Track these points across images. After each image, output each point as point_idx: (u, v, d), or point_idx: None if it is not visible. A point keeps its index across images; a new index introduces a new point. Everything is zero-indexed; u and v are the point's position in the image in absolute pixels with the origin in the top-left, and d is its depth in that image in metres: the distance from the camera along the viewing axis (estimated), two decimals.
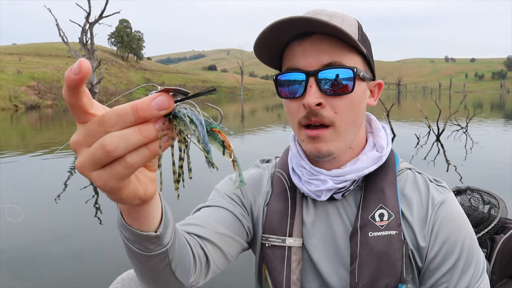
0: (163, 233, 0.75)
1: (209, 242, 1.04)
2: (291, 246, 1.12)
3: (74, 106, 0.48)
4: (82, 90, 0.47)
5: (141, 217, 0.70)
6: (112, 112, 0.48)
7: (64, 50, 60.96)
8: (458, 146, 10.91)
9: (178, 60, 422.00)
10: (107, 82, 57.97)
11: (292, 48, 1.03)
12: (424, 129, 13.30)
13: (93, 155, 0.48)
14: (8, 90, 38.52)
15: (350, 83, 0.99)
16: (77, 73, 0.45)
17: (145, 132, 0.49)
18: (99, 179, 0.50)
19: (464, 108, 14.30)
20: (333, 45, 0.99)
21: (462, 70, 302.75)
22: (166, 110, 0.49)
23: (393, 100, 21.63)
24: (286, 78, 1.03)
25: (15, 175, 8.45)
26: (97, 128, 0.48)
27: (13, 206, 4.19)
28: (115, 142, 0.48)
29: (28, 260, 4.01)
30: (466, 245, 1.02)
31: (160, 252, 0.78)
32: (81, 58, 0.47)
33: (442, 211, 1.05)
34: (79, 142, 0.50)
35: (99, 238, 4.59)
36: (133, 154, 0.49)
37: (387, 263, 1.02)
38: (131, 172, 0.50)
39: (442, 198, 1.07)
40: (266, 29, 0.97)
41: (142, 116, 0.48)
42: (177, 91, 0.50)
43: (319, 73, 0.98)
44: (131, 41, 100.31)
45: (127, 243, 0.77)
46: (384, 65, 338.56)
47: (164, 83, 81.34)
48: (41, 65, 57.63)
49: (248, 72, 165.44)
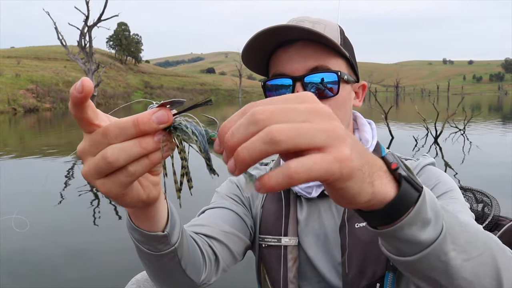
0: (170, 233, 0.78)
1: (216, 241, 1.07)
2: (287, 245, 1.15)
3: (80, 119, 0.51)
4: (86, 105, 0.50)
5: (147, 219, 0.73)
6: (114, 125, 0.51)
7: (62, 53, 60.98)
8: (455, 148, 10.95)
9: (176, 63, 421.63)
10: (105, 85, 57.98)
11: (278, 55, 1.09)
12: (422, 131, 13.34)
13: (96, 165, 0.51)
14: (6, 93, 38.48)
15: (335, 86, 1.06)
16: (80, 92, 0.48)
17: (144, 145, 0.51)
18: (103, 187, 0.53)
19: (462, 110, 14.34)
20: (318, 50, 1.06)
21: (460, 72, 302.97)
22: (165, 123, 0.51)
23: (392, 102, 21.67)
24: (273, 83, 1.09)
25: (16, 177, 8.46)
26: (100, 139, 0.51)
27: (20, 217, 4.24)
28: (116, 153, 0.50)
29: (40, 264, 4.03)
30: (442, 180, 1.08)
31: (169, 251, 0.81)
32: (83, 77, 0.49)
33: (418, 174, 1.12)
34: (84, 151, 0.53)
35: (110, 240, 4.60)
36: (134, 164, 0.52)
37: (373, 252, 1.06)
38: (133, 180, 0.53)
39: (417, 164, 1.14)
40: (252, 38, 1.04)
41: (142, 130, 0.50)
42: (172, 102, 0.52)
43: (305, 77, 1.04)
44: (129, 44, 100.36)
45: (137, 244, 0.80)
46: (382, 67, 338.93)
47: (163, 86, 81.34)
48: (40, 68, 57.58)
49: (247, 75, 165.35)
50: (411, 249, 0.60)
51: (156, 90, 76.86)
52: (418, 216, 0.57)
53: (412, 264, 0.62)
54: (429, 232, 0.59)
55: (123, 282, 1.22)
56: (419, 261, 0.61)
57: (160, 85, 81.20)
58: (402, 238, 0.59)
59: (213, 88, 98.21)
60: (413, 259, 0.61)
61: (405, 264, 0.63)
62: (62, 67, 61.70)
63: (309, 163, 0.43)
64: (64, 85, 51.18)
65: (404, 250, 0.61)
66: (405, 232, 0.58)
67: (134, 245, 0.82)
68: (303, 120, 0.45)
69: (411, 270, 0.65)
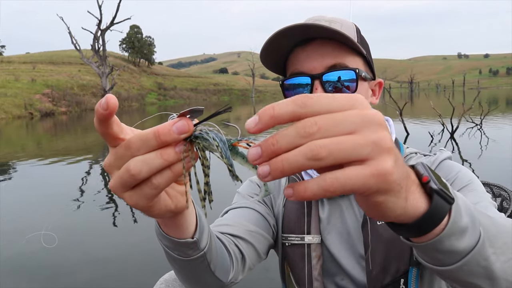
0: (199, 238, 0.79)
1: (242, 240, 1.08)
2: (310, 243, 1.16)
3: (105, 135, 0.52)
4: (111, 121, 0.51)
5: (177, 226, 0.73)
6: (136, 137, 0.51)
7: (76, 57, 61.69)
8: (472, 143, 10.82)
9: (189, 64, 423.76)
10: (119, 88, 58.44)
11: (296, 54, 1.10)
12: (437, 127, 13.21)
13: (121, 178, 0.52)
14: (23, 98, 39.05)
15: (353, 84, 1.07)
16: (105, 109, 0.49)
17: (166, 156, 0.51)
18: (130, 199, 0.54)
19: (478, 105, 14.14)
20: (335, 48, 1.07)
21: (475, 66, 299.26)
22: (186, 133, 0.51)
23: (406, 98, 21.47)
24: (292, 82, 1.10)
25: (38, 182, 8.58)
26: (124, 152, 0.52)
27: (48, 233, 4.38)
28: (138, 166, 0.51)
29: (70, 267, 4.08)
30: (461, 173, 1.07)
31: (199, 256, 0.82)
32: (108, 94, 0.50)
33: (437, 168, 1.11)
34: (110, 165, 0.54)
35: (134, 241, 4.64)
36: (158, 176, 0.52)
37: (396, 248, 1.07)
38: (158, 192, 0.54)
39: (435, 158, 1.13)
40: (270, 38, 1.05)
41: (163, 141, 0.50)
42: (192, 111, 0.52)
43: (323, 75, 1.05)
44: (142, 46, 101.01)
45: (167, 250, 0.81)
46: (396, 63, 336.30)
47: (176, 87, 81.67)
48: (55, 73, 58.29)
49: (259, 74, 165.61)
50: (451, 259, 0.59)
51: (170, 91, 77.27)
52: (454, 227, 0.56)
53: (453, 272, 0.61)
54: (467, 240, 0.58)
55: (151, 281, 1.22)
56: (459, 269, 0.60)
57: (173, 87, 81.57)
58: (441, 249, 0.58)
59: (226, 88, 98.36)
60: (453, 268, 0.60)
61: (445, 273, 0.62)
62: (77, 71, 62.34)
63: (347, 175, 0.43)
64: (79, 89, 51.79)
65: (443, 260, 0.60)
66: (444, 244, 0.57)
67: (163, 250, 0.83)
68: (350, 131, 0.44)
69: (451, 278, 0.64)
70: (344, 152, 0.43)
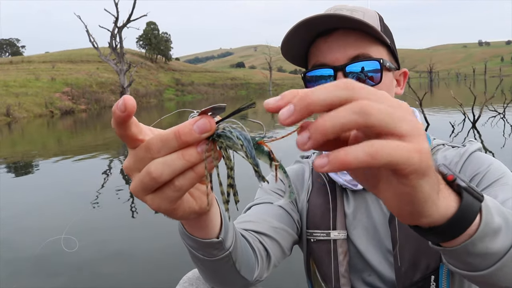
0: (224, 238, 0.76)
1: (266, 236, 1.06)
2: (336, 239, 1.14)
3: (124, 136, 0.50)
4: (130, 123, 0.48)
5: (201, 227, 0.71)
6: (156, 138, 0.49)
7: (94, 55, 62.29)
8: (495, 132, 10.60)
9: (206, 59, 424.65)
10: (137, 85, 58.94)
11: (317, 45, 1.07)
12: (459, 117, 12.96)
13: (142, 181, 0.50)
14: (43, 97, 39.73)
15: (377, 74, 1.02)
16: (123, 110, 0.46)
17: (188, 157, 0.48)
18: (153, 203, 0.51)
19: (501, 93, 13.82)
20: (358, 38, 1.03)
21: (497, 53, 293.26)
22: (208, 132, 0.48)
23: (426, 88, 21.16)
24: (314, 74, 1.06)
25: (59, 178, 8.70)
26: (144, 154, 0.50)
27: (69, 237, 4.32)
28: (159, 168, 0.48)
29: (93, 262, 4.12)
30: (493, 166, 1.01)
31: (224, 256, 0.80)
32: (125, 95, 0.47)
33: (467, 161, 1.06)
34: (130, 167, 0.52)
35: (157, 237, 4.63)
36: (181, 178, 0.50)
37: (426, 244, 1.01)
38: (182, 194, 0.51)
39: (465, 150, 1.08)
40: (291, 29, 1.02)
41: (184, 141, 0.48)
42: (213, 108, 0.49)
43: (346, 67, 1.01)
44: (159, 42, 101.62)
45: (191, 250, 0.79)
46: (415, 53, 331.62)
47: (194, 82, 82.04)
48: (74, 71, 59.13)
49: (276, 68, 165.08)
50: (485, 262, 0.57)
51: (187, 87, 77.65)
52: (487, 227, 0.54)
53: (487, 277, 0.58)
54: (501, 240, 0.56)
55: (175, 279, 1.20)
56: (494, 273, 0.57)
57: (191, 82, 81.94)
58: (474, 253, 0.55)
59: (243, 83, 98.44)
60: (488, 272, 0.57)
61: (479, 278, 0.59)
62: (95, 69, 63.10)
63: (392, 145, 0.41)
64: (97, 86, 52.47)
65: (477, 265, 0.57)
66: (477, 246, 0.54)
67: (187, 250, 0.81)
68: (391, 105, 0.43)
69: (487, 283, 0.61)
70: (392, 118, 0.41)
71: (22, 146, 15.82)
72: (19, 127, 25.92)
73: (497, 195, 0.91)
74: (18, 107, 34.07)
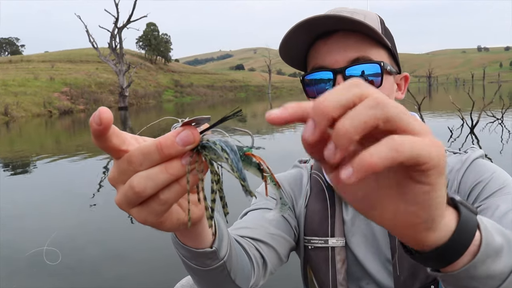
0: (218, 247, 0.74)
1: (262, 243, 1.03)
2: (334, 246, 1.11)
3: (104, 148, 0.47)
4: (108, 135, 0.46)
5: (194, 236, 0.69)
6: (137, 151, 0.47)
7: (94, 55, 62.22)
8: (493, 138, 10.62)
9: (205, 61, 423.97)
10: (136, 85, 58.86)
11: (317, 47, 1.04)
12: (457, 122, 12.97)
13: (126, 195, 0.48)
14: (42, 97, 39.65)
15: (378, 78, 1.00)
16: (99, 124, 0.44)
17: (171, 170, 0.47)
18: (138, 216, 0.50)
19: (499, 98, 13.84)
20: (358, 40, 1.00)
21: (496, 59, 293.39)
22: (192, 144, 0.46)
23: (424, 93, 21.18)
24: (313, 77, 1.03)
25: (55, 178, 8.68)
26: (126, 167, 0.48)
27: (52, 249, 4.16)
28: (142, 183, 0.46)
29: (84, 271, 4.10)
30: (496, 174, 0.99)
31: (218, 265, 0.77)
32: (101, 107, 0.45)
33: (469, 168, 1.03)
34: (114, 179, 0.49)
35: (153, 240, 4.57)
36: (166, 191, 0.48)
37: None
38: (168, 207, 0.49)
39: (467, 157, 1.05)
40: (290, 30, 0.99)
41: (167, 154, 0.46)
42: (197, 120, 0.47)
43: (346, 70, 0.98)
44: (158, 44, 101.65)
45: (184, 260, 0.77)
46: (414, 58, 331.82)
47: (193, 84, 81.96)
48: (73, 71, 59.09)
49: (276, 70, 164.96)
50: (487, 286, 0.54)
51: (186, 88, 77.57)
52: (489, 247, 0.51)
53: None
54: (504, 260, 0.53)
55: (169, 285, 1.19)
56: None
57: (190, 84, 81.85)
58: (476, 276, 0.52)
59: (242, 85, 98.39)
60: None
61: None
62: (94, 69, 63.06)
63: (412, 139, 0.39)
64: (96, 87, 52.42)
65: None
66: (479, 269, 0.51)
67: (180, 259, 0.79)
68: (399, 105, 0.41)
69: None
70: (405, 114, 0.40)
71: (19, 145, 15.77)
72: (17, 126, 25.86)
73: (499, 205, 0.89)
74: (17, 106, 34.00)
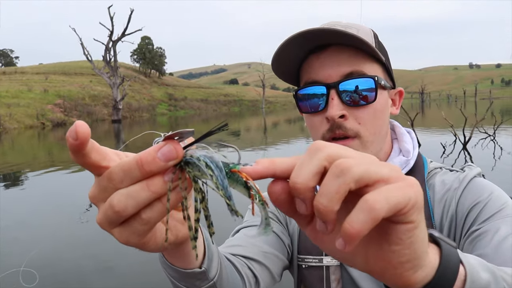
0: (208, 268, 0.71)
1: (255, 262, 1.00)
2: (329, 266, 1.07)
3: (83, 165, 0.45)
4: (87, 151, 0.43)
5: (182, 256, 0.66)
6: (117, 167, 0.44)
7: (88, 68, 62.16)
8: (486, 154, 10.68)
9: (199, 75, 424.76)
10: (130, 98, 58.82)
11: (309, 62, 1.02)
12: (450, 138, 13.04)
13: (106, 214, 0.45)
14: (35, 109, 39.52)
15: (372, 93, 0.97)
16: (75, 139, 0.42)
17: (153, 188, 0.44)
18: (120, 237, 0.47)
19: (491, 115, 13.96)
20: (352, 55, 0.98)
21: (487, 76, 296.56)
22: (174, 160, 0.44)
23: (417, 109, 21.33)
24: (306, 92, 1.01)
25: (47, 190, 8.60)
26: (106, 184, 0.45)
27: (28, 270, 3.92)
28: (122, 201, 0.44)
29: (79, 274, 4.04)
30: (494, 195, 0.96)
31: (208, 286, 0.74)
32: (78, 121, 0.43)
33: (467, 188, 1.01)
34: (95, 197, 0.47)
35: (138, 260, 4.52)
36: (148, 211, 0.45)
37: None
38: (151, 227, 0.46)
39: (464, 176, 1.03)
40: (282, 44, 0.97)
41: (148, 171, 0.43)
42: (180, 133, 0.45)
43: (339, 84, 0.96)
44: (153, 57, 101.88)
45: (173, 281, 0.74)
46: (406, 74, 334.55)
47: (187, 98, 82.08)
48: (67, 83, 59.07)
49: (270, 85, 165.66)
50: None
51: (180, 102, 77.64)
52: (474, 283, 0.50)
53: None
54: None
55: None
56: None
57: (184, 97, 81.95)
58: None
59: (236, 99, 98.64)
60: None
61: None
62: (88, 82, 63.07)
63: (384, 191, 0.39)
64: (90, 99, 52.39)
65: None
66: None
67: (168, 279, 0.75)
68: (359, 156, 0.42)
69: None
70: (370, 165, 0.41)
71: (10, 157, 15.64)
72: (9, 137, 25.70)
73: (499, 227, 0.86)
74: (9, 117, 33.84)
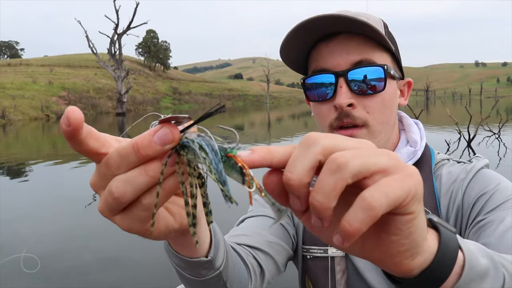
0: (214, 257, 0.71)
1: (260, 251, 1.00)
2: (334, 256, 1.07)
3: (82, 152, 0.44)
4: (82, 137, 0.42)
5: (188, 244, 0.65)
6: (114, 153, 0.44)
7: (93, 61, 62.21)
8: (490, 152, 10.62)
9: (204, 69, 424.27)
10: (135, 92, 58.82)
11: (318, 50, 1.00)
12: (454, 135, 12.99)
13: (106, 202, 0.44)
14: (40, 101, 39.64)
15: (381, 82, 0.96)
16: (68, 125, 0.41)
17: (151, 172, 0.43)
18: (122, 224, 0.46)
19: (496, 113, 13.90)
20: (361, 43, 0.97)
21: (493, 74, 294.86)
22: (171, 143, 0.43)
23: (422, 106, 21.25)
24: (314, 81, 1.00)
25: (48, 183, 8.63)
26: (105, 170, 0.44)
27: (30, 255, 3.88)
28: (121, 187, 0.43)
29: (82, 267, 4.05)
30: (501, 186, 0.95)
31: (214, 275, 0.73)
32: (69, 107, 0.41)
33: (474, 178, 1.00)
34: (95, 185, 0.46)
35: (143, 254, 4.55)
36: (147, 196, 0.44)
37: None
38: (151, 213, 0.45)
39: (471, 167, 1.02)
40: (291, 30, 0.96)
41: (144, 155, 0.42)
42: (177, 118, 0.43)
43: (348, 73, 0.95)
44: (158, 51, 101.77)
45: (178, 269, 0.73)
46: (412, 71, 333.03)
47: (191, 92, 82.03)
48: (72, 76, 59.14)
49: (274, 80, 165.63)
50: None
51: (185, 96, 77.61)
52: (472, 270, 0.49)
53: None
54: (490, 283, 0.51)
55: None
56: None
57: (188, 91, 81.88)
58: None
59: (241, 94, 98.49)
60: None
61: None
62: (93, 75, 63.09)
63: (382, 185, 0.38)
64: (95, 92, 52.46)
65: None
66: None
67: (174, 269, 0.75)
68: (357, 146, 0.41)
69: None
70: (366, 158, 0.39)
71: (15, 149, 15.70)
72: (14, 129, 25.78)
73: (505, 218, 0.86)
74: (14, 109, 33.94)
